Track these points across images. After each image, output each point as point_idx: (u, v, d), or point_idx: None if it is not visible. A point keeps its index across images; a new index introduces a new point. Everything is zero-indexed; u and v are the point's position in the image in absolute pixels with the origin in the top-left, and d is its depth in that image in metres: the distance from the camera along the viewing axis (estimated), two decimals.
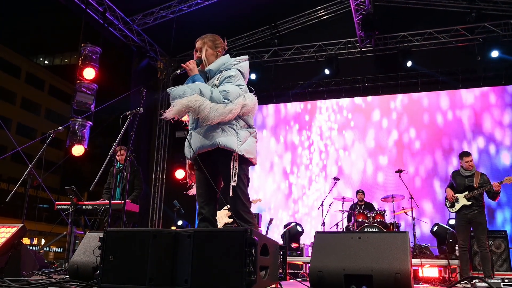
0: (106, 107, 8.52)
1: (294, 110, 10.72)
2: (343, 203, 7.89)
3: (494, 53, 8.63)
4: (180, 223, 9.43)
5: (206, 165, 2.92)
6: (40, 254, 6.47)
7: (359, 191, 8.22)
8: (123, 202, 3.89)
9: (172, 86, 2.92)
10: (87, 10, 8.53)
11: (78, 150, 7.96)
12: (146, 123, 10.59)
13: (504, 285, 3.71)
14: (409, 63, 9.25)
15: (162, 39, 10.18)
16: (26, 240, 16.86)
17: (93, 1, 8.62)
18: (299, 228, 8.35)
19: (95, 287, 2.49)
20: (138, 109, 3.82)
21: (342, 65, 9.94)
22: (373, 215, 7.23)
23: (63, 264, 6.20)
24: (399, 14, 9.73)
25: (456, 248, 6.21)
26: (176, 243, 2.40)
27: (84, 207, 5.37)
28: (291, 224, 8.36)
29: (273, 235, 8.51)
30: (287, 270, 3.68)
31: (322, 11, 10.40)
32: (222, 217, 6.46)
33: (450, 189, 5.87)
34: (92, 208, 5.36)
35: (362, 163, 9.84)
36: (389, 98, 10.04)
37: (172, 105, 2.84)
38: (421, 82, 9.79)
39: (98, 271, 2.42)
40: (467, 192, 5.68)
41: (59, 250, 30.35)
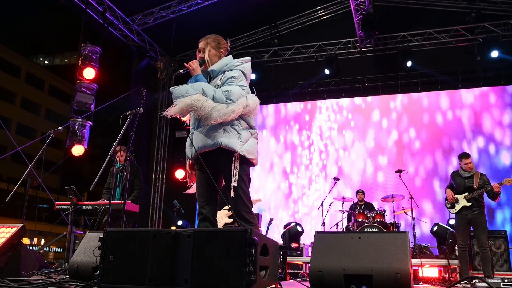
0: (106, 107, 8.51)
1: (294, 110, 10.72)
2: (343, 203, 7.89)
3: (494, 53, 8.64)
4: (180, 223, 9.43)
5: (207, 165, 2.92)
6: (40, 254, 6.45)
7: (359, 191, 8.23)
8: (123, 202, 3.89)
9: (174, 86, 2.94)
10: (87, 10, 8.53)
11: (78, 150, 7.96)
12: (146, 123, 10.59)
13: (504, 285, 3.71)
14: (409, 63, 9.25)
15: (162, 39, 10.18)
16: (26, 240, 16.85)
17: (93, 1, 8.63)
18: (299, 228, 8.35)
19: (95, 287, 2.49)
20: (138, 109, 3.83)
21: (342, 65, 9.94)
22: (373, 215, 7.23)
23: (63, 264, 6.19)
24: (399, 14, 9.73)
25: (456, 248, 6.21)
26: (176, 243, 2.40)
27: (84, 207, 5.37)
28: (291, 224, 8.36)
29: (273, 235, 8.51)
30: (287, 270, 3.69)
31: (322, 11, 10.40)
32: (222, 217, 6.44)
33: (450, 190, 5.87)
34: (92, 208, 5.36)
35: (362, 163, 9.84)
36: (389, 98, 10.04)
37: (174, 104, 2.86)
38: (421, 82, 9.79)
39: (98, 271, 2.42)
40: (467, 193, 5.68)
41: (59, 250, 30.33)
